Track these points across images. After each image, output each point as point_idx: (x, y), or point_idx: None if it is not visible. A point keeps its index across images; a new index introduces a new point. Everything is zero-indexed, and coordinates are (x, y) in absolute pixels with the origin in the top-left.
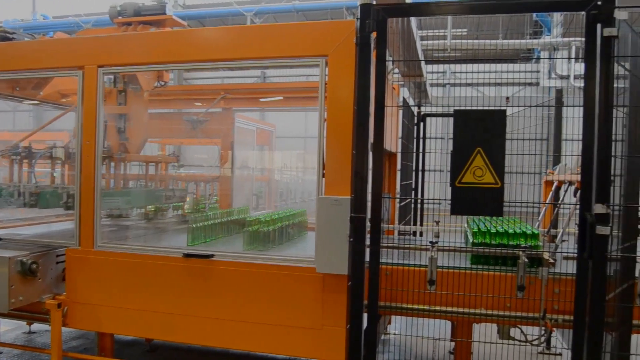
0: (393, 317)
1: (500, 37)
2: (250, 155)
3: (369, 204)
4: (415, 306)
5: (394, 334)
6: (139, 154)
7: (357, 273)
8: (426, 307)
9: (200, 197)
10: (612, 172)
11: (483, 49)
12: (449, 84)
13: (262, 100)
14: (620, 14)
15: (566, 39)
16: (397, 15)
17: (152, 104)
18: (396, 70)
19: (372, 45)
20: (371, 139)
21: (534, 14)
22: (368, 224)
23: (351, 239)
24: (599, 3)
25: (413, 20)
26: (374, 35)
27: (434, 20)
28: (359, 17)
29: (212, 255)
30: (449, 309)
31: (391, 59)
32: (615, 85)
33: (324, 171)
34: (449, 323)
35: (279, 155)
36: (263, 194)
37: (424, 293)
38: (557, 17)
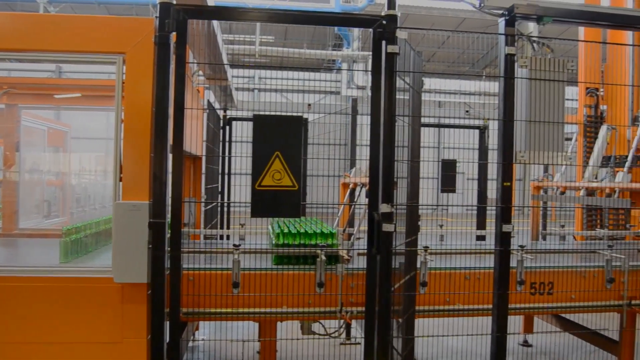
0: (202, 322)
1: (305, 47)
2: (41, 157)
3: (169, 209)
4: (220, 310)
5: (202, 339)
6: None
7: (157, 280)
8: (230, 310)
9: None
10: (396, 175)
11: (289, 57)
12: (256, 88)
13: (56, 97)
14: (401, 34)
15: (363, 53)
16: (199, 17)
17: None
18: (201, 72)
19: (173, 46)
20: (170, 142)
21: (336, 28)
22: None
23: (150, 246)
24: (384, 22)
25: (216, 24)
26: (174, 35)
27: (242, 25)
28: (157, 15)
29: None
30: (254, 310)
31: (195, 61)
32: (398, 97)
33: (122, 175)
34: (256, 324)
35: (76, 158)
36: (57, 200)
37: (229, 296)
38: (356, 32)
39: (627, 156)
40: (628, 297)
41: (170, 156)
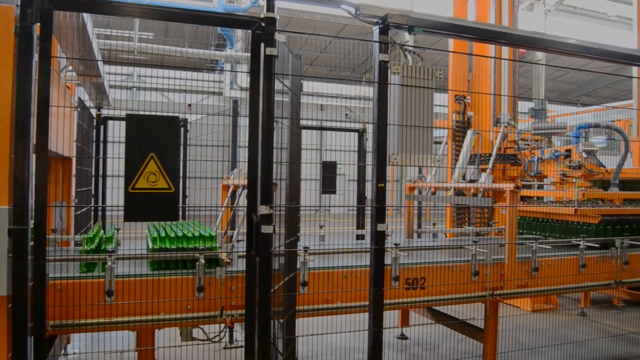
0: (74, 335)
1: (187, 46)
2: None
3: (32, 214)
4: (93, 320)
5: (74, 353)
6: None
7: (19, 292)
8: (104, 320)
9: None
10: (276, 176)
11: (170, 55)
12: (135, 87)
13: None
14: (280, 37)
15: (247, 54)
16: (66, 9)
17: None
18: (71, 67)
19: (37, 38)
20: (34, 141)
21: (218, 28)
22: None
23: (10, 255)
24: (263, 25)
25: (87, 17)
26: (38, 27)
27: (120, 20)
28: (19, 4)
29: None
30: (129, 318)
31: (63, 55)
32: (277, 99)
33: None
34: (133, 333)
35: None
36: None
37: (103, 305)
38: (239, 33)
39: (490, 154)
40: (491, 287)
41: (33, 157)
